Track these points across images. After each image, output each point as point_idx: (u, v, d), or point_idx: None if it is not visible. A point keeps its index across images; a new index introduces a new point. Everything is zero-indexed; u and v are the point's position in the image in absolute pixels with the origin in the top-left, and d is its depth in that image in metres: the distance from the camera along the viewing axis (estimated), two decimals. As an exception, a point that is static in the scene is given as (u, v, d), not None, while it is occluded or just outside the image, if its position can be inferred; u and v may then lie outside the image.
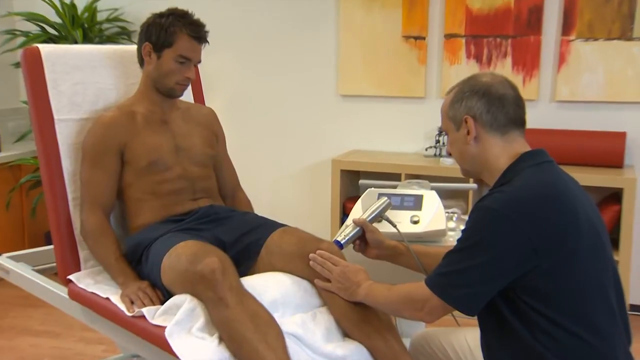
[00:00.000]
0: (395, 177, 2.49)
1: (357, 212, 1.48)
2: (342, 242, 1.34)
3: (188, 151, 1.55)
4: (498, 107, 1.08)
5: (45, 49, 1.52)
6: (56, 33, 2.79)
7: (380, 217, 1.37)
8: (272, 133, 2.98)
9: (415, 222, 1.47)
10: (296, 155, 2.95)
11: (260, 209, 1.75)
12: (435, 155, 2.67)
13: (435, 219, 1.47)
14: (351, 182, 2.72)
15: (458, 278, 1.02)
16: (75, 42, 2.70)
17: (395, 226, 1.37)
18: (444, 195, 2.53)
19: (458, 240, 1.05)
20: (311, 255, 1.29)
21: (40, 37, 2.73)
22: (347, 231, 1.34)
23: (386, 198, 1.38)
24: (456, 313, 1.11)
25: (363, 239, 1.35)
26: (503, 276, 1.00)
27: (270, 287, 1.27)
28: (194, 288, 1.21)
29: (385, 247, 1.33)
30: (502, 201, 1.00)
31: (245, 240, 1.42)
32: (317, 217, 2.92)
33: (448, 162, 2.52)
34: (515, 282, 1.00)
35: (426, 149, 2.70)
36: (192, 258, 1.22)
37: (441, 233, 1.48)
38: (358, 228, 1.34)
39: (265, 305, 1.21)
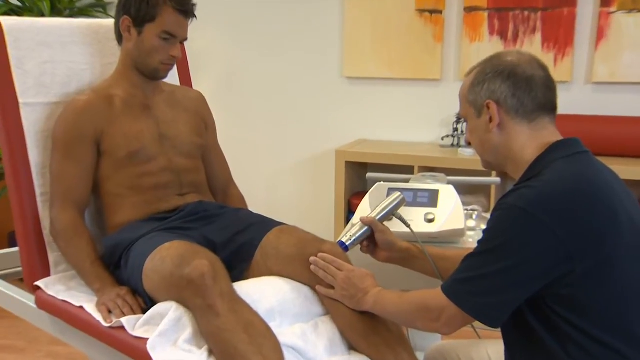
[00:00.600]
0: (408, 169, 2.49)
1: (365, 209, 1.48)
2: (347, 243, 1.33)
3: (173, 140, 1.55)
4: (525, 90, 1.07)
5: (7, 22, 1.49)
6: (19, 4, 2.71)
7: (391, 215, 1.37)
8: (268, 120, 2.98)
9: (430, 221, 1.47)
10: (296, 146, 2.95)
11: (256, 206, 1.75)
12: (452, 145, 2.66)
13: (452, 217, 1.46)
14: (358, 176, 2.72)
15: (479, 284, 1.02)
16: (42, 15, 2.63)
17: (408, 226, 1.36)
18: (463, 190, 2.52)
19: (479, 242, 1.05)
20: (312, 258, 1.29)
21: (0, 9, 2.65)
22: (353, 231, 1.33)
23: (399, 193, 1.38)
24: (477, 324, 1.10)
25: (372, 240, 1.35)
26: (530, 283, 0.99)
27: (266, 294, 1.27)
28: (181, 294, 1.21)
29: (397, 249, 1.33)
30: (529, 198, 0.99)
31: (239, 240, 1.42)
32: (319, 215, 2.93)
33: (467, 153, 2.52)
34: (545, 289, 1.00)
35: (443, 138, 2.69)
36: (178, 260, 1.22)
37: (459, 233, 1.47)
38: (366, 228, 1.33)
39: (261, 313, 1.21)
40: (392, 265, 1.36)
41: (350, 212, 2.64)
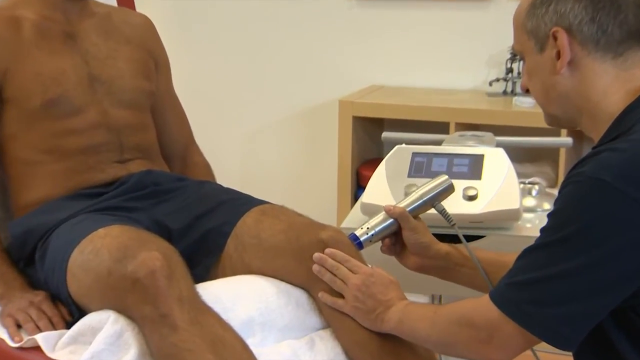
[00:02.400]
0: (441, 127, 2.47)
1: (379, 184, 1.48)
2: (362, 238, 1.33)
3: (110, 84, 1.54)
4: (609, 11, 1.06)
5: None
6: None
7: (431, 206, 1.36)
8: (244, 61, 2.96)
9: (471, 198, 1.47)
10: (283, 96, 2.95)
11: (228, 178, 1.75)
12: (504, 92, 2.66)
13: (503, 193, 1.47)
14: (370, 136, 2.72)
15: (546, 290, 1.02)
16: None
17: (453, 224, 1.34)
18: (519, 156, 2.52)
19: (543, 230, 1.05)
20: (316, 255, 1.30)
21: None
22: (372, 222, 1.34)
23: (445, 177, 1.36)
24: (541, 346, 1.11)
25: (398, 239, 1.36)
26: (620, 286, 1.00)
27: (243, 299, 1.28)
28: (122, 300, 1.21)
29: (433, 254, 1.33)
30: (615, 166, 0.99)
31: (203, 225, 1.43)
32: (316, 190, 2.94)
33: (526, 103, 2.51)
34: (638, 296, 1.00)
35: (490, 84, 2.69)
36: (118, 253, 1.23)
37: (512, 215, 1.48)
38: (391, 220, 1.34)
39: (235, 326, 1.22)
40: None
41: (359, 187, 2.65)
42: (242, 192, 1.51)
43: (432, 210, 1.35)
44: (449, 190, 1.35)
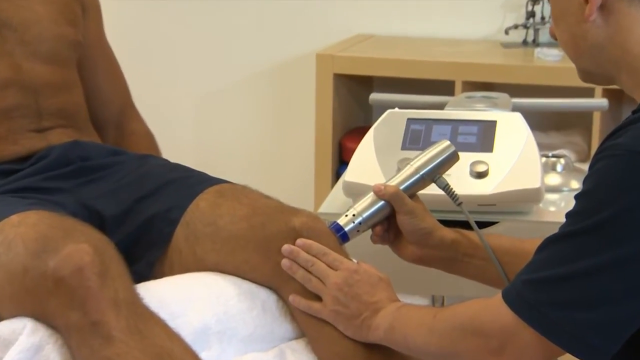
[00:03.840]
0: (444, 87, 2.48)
1: (366, 158, 1.49)
2: (346, 228, 1.34)
3: (23, 31, 1.54)
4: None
5: None
6: None
7: (431, 181, 1.36)
8: (199, 5, 2.96)
9: (481, 175, 1.48)
10: (246, 49, 2.94)
11: (176, 152, 1.75)
12: (524, 42, 2.68)
13: (520, 168, 1.48)
14: (355, 99, 2.73)
15: (571, 290, 1.03)
16: None
17: (459, 203, 1.35)
18: (542, 122, 2.54)
19: (569, 215, 1.06)
20: (287, 247, 1.30)
21: None
22: (359, 208, 1.34)
23: (447, 142, 1.36)
24: (564, 358, 1.12)
25: (391, 225, 1.36)
26: None
27: (195, 303, 1.29)
28: (42, 305, 1.21)
29: (437, 242, 1.34)
30: None
31: (145, 210, 1.43)
32: (288, 166, 2.95)
33: (550, 55, 2.53)
34: None
35: (507, 32, 2.71)
36: (36, 246, 1.22)
37: (532, 196, 1.49)
38: (382, 203, 1.34)
39: (186, 336, 1.22)
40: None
41: (341, 162, 2.67)
42: (195, 169, 1.51)
43: (433, 189, 1.36)
44: (452, 159, 1.36)
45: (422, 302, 1.72)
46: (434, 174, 1.34)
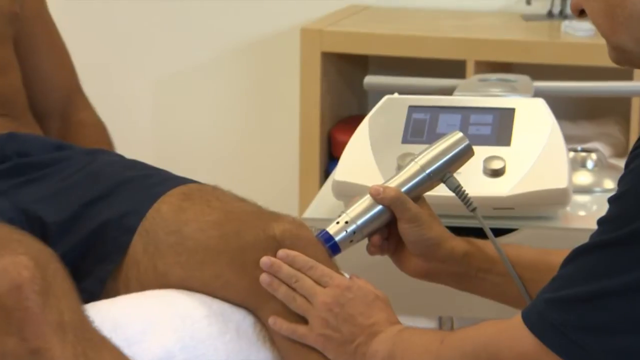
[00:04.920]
0: (453, 68, 2.49)
1: (360, 153, 1.49)
2: (337, 237, 1.34)
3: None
4: None
5: None
6: None
7: (440, 180, 1.34)
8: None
9: (496, 173, 1.48)
10: (219, 23, 2.96)
11: (134, 146, 1.74)
12: (549, 14, 2.68)
13: (543, 165, 1.48)
14: (347, 82, 2.74)
15: (603, 311, 1.04)
16: None
17: (473, 208, 1.34)
18: (571, 110, 2.54)
19: (602, 222, 1.07)
20: (264, 259, 1.30)
21: None
22: (352, 213, 1.34)
23: (460, 134, 1.34)
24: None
25: (392, 233, 1.36)
26: None
27: (156, 326, 1.29)
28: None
29: (446, 255, 1.34)
30: None
31: (96, 217, 1.43)
32: (268, 163, 2.96)
33: (581, 30, 2.54)
34: None
35: (528, 1, 2.71)
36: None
37: (558, 198, 1.50)
38: (380, 208, 1.34)
39: (145, 366, 1.22)
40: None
41: (331, 158, 2.68)
42: (156, 167, 1.51)
43: (440, 189, 1.35)
44: (466, 154, 1.34)
45: (427, 324, 1.73)
46: (444, 173, 1.33)
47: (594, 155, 1.70)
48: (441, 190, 1.35)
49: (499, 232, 1.47)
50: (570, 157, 1.56)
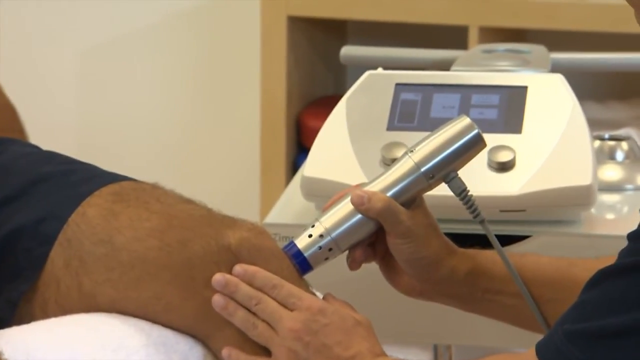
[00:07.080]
0: (452, 36, 2.54)
1: (336, 143, 1.51)
2: (308, 251, 1.34)
3: None
4: None
5: None
6: None
7: (442, 179, 1.31)
8: None
9: (504, 167, 1.50)
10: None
11: (54, 135, 1.74)
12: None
13: (561, 157, 1.50)
14: (320, 55, 2.78)
15: (635, 347, 1.06)
16: None
17: (481, 220, 1.32)
18: (596, 88, 2.56)
19: (633, 237, 1.08)
20: (217, 276, 1.31)
21: None
22: (329, 220, 1.33)
23: (467, 120, 1.31)
24: None
25: (380, 239, 1.37)
26: None
27: (81, 358, 1.29)
28: None
29: (446, 275, 1.35)
30: None
31: (4, 223, 1.43)
32: (222, 156, 2.99)
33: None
34: None
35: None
36: None
37: (580, 198, 1.51)
38: (359, 217, 1.33)
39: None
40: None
41: (301, 148, 2.71)
42: (81, 161, 1.51)
43: (441, 189, 1.34)
44: (476, 145, 1.30)
45: (420, 355, 1.73)
46: (447, 172, 1.30)
47: (624, 145, 1.70)
48: (441, 190, 1.32)
49: (508, 239, 1.48)
50: (595, 147, 1.57)
